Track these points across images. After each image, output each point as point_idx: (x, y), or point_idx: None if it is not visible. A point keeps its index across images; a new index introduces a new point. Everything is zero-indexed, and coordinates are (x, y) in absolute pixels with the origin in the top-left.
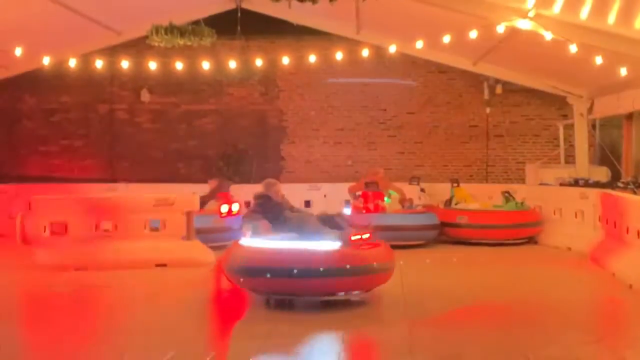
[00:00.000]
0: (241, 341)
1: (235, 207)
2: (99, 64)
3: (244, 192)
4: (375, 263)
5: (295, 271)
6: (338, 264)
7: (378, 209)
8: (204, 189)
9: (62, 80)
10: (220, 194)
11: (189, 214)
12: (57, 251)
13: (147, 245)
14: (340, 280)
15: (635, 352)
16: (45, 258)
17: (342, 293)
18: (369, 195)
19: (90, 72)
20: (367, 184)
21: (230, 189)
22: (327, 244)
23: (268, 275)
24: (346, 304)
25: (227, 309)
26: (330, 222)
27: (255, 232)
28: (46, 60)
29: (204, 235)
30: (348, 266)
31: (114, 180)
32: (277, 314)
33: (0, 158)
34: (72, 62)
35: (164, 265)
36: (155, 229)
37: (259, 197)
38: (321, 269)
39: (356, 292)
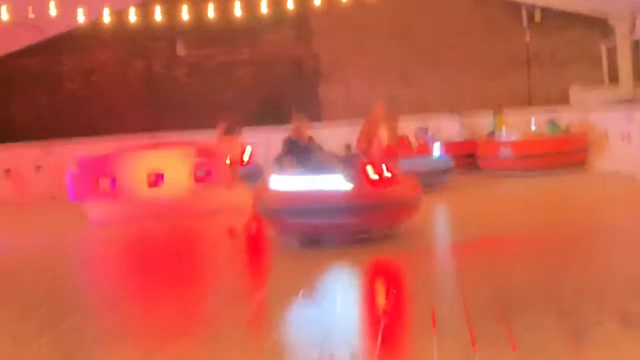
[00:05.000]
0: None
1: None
2: (132, 18)
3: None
4: (390, 200)
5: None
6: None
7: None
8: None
9: (97, 39)
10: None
11: (232, 162)
12: (109, 206)
13: (194, 194)
14: (356, 218)
15: None
16: (98, 214)
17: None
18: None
19: (125, 28)
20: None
21: (240, 134)
22: (338, 183)
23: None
24: (387, 238)
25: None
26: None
27: (282, 172)
28: (80, 19)
29: None
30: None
31: (156, 134)
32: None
33: (45, 121)
34: (107, 19)
35: (212, 212)
36: (201, 178)
37: (286, 140)
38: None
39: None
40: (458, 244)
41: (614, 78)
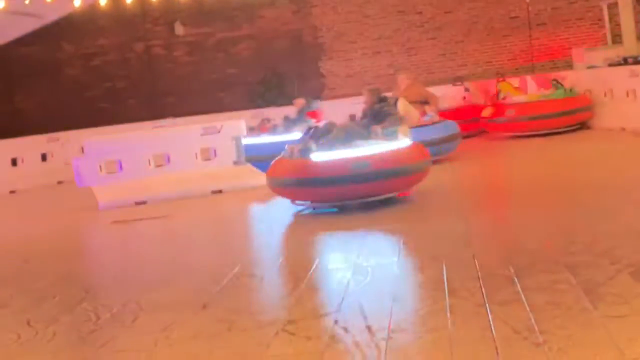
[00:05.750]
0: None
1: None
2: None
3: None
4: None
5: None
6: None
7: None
8: (241, 114)
9: (95, 24)
10: (309, 113)
11: (237, 139)
12: (116, 189)
13: (201, 174)
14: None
15: None
16: (106, 197)
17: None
18: None
19: (122, 10)
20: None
21: (318, 107)
22: None
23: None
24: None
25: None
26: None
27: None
28: (77, 2)
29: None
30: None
31: (160, 117)
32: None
33: (48, 108)
34: (103, 1)
35: (220, 191)
36: (207, 158)
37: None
38: None
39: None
40: (468, 205)
41: (617, 40)
